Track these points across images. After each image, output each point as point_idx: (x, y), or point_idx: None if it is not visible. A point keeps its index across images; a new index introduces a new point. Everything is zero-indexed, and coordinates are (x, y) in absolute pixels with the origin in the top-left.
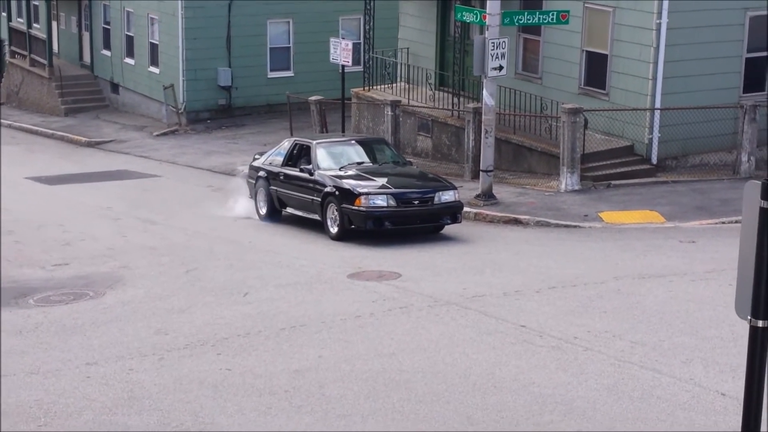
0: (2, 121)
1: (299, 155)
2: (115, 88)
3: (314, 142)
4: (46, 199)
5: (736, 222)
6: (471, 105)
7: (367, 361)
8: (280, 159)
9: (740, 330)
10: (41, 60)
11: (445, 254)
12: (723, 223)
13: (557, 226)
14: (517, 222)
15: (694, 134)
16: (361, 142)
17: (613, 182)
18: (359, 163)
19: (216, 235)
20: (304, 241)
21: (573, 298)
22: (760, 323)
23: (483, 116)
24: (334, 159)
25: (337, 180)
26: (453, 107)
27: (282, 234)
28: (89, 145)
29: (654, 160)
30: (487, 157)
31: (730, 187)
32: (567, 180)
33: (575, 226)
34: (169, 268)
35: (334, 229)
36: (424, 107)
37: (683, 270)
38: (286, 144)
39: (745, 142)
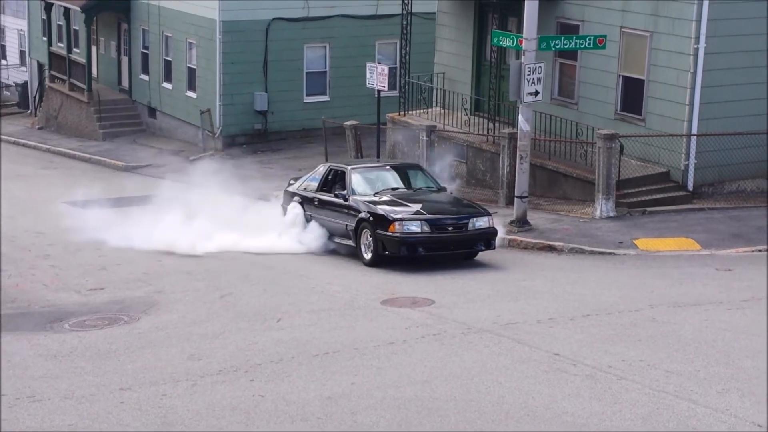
0: (40, 145)
1: (334, 180)
2: (152, 112)
3: (349, 167)
4: (82, 224)
5: None
6: (506, 130)
7: (400, 388)
8: (314, 184)
9: None
10: (80, 84)
11: (479, 281)
12: (760, 251)
13: (592, 253)
14: (551, 249)
15: (731, 161)
16: (395, 168)
17: (648, 209)
18: (394, 189)
19: (251, 261)
20: (338, 266)
21: (607, 326)
22: None
23: (518, 142)
24: (368, 184)
25: (372, 206)
26: (488, 132)
27: (316, 260)
28: (126, 169)
29: (690, 187)
30: (521, 183)
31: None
32: (602, 206)
33: (610, 253)
34: (203, 293)
35: (368, 255)
36: (459, 132)
37: (719, 298)
38: (321, 169)
39: None
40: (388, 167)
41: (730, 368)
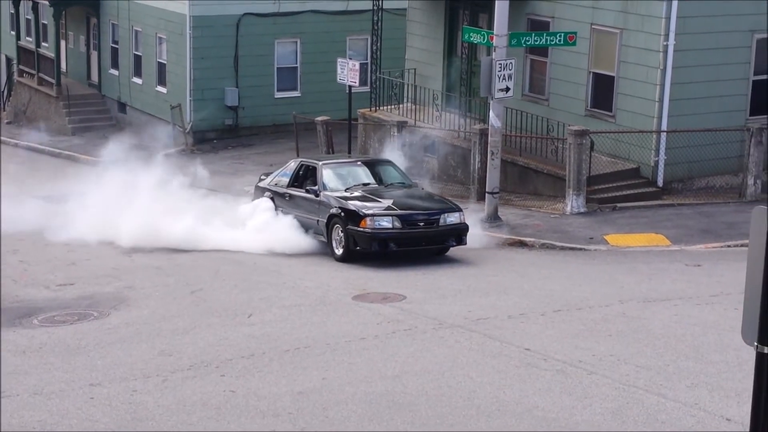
0: (8, 140)
1: (305, 176)
2: (122, 107)
3: (320, 162)
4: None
5: (742, 246)
6: (477, 126)
7: (371, 383)
8: (286, 180)
9: (745, 355)
10: (49, 79)
11: (450, 276)
12: (729, 246)
13: (562, 248)
14: (522, 244)
15: (701, 157)
16: (367, 163)
17: (618, 205)
18: (365, 184)
19: (221, 256)
20: (309, 262)
21: (578, 322)
22: (767, 349)
23: (489, 138)
24: (340, 180)
25: (343, 201)
26: (459, 128)
27: (287, 255)
28: (95, 164)
29: (660, 183)
30: (492, 179)
31: (736, 210)
32: (573, 202)
33: (580, 249)
34: (173, 288)
35: (339, 251)
36: (430, 128)
37: (689, 294)
38: (292, 164)
39: (751, 165)
40: (359, 163)
41: (699, 363)
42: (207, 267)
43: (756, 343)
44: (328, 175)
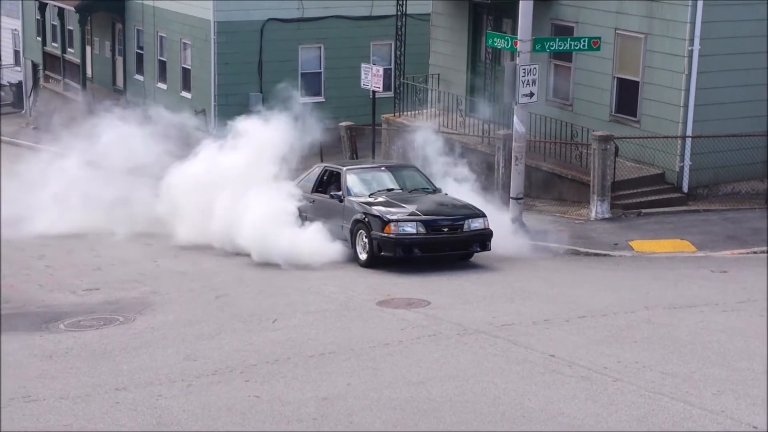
0: (34, 145)
1: (329, 181)
2: None
3: (344, 168)
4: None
5: None
6: (501, 132)
7: (396, 389)
8: (310, 185)
9: None
10: (75, 84)
11: (475, 282)
12: (755, 252)
13: (587, 254)
14: (546, 250)
15: (726, 162)
16: (391, 169)
17: (643, 210)
18: (389, 190)
19: (247, 261)
20: (333, 267)
21: (603, 328)
22: None
23: (513, 143)
24: (364, 185)
25: (367, 207)
26: (483, 134)
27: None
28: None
29: (685, 189)
30: (517, 185)
31: (762, 216)
32: (597, 208)
33: (605, 255)
34: (198, 293)
35: (363, 256)
36: (454, 133)
37: (714, 300)
38: (316, 170)
39: None
40: (383, 168)
41: (726, 370)
42: (231, 272)
43: None
44: (352, 180)
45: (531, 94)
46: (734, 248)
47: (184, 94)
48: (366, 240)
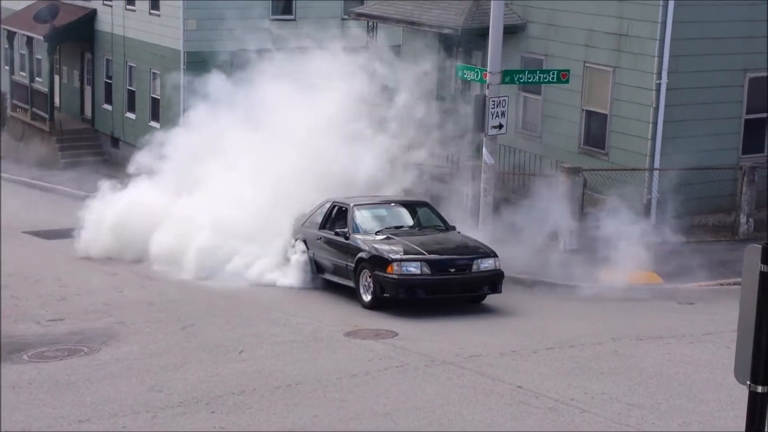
0: (1, 174)
1: (337, 217)
2: (115, 142)
3: (352, 203)
4: (43, 254)
5: (735, 284)
6: (470, 162)
7: (362, 420)
8: (318, 221)
9: (738, 394)
10: (42, 114)
11: (442, 313)
12: (722, 285)
13: (555, 285)
14: (515, 281)
15: (693, 195)
16: (402, 204)
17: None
18: (398, 227)
19: (215, 292)
20: (303, 298)
21: (570, 359)
22: (760, 389)
23: (482, 174)
24: (373, 222)
25: (371, 244)
26: (452, 163)
27: (279, 291)
28: (87, 199)
29: (653, 221)
30: (485, 216)
31: (729, 248)
32: (566, 239)
33: (573, 286)
34: (165, 324)
35: (367, 298)
36: (423, 163)
37: (681, 332)
38: (326, 205)
39: (743, 204)
40: (393, 204)
41: (692, 402)
42: (199, 302)
43: (749, 382)
44: (360, 216)
45: (500, 126)
46: (701, 280)
47: (153, 123)
48: (370, 280)
